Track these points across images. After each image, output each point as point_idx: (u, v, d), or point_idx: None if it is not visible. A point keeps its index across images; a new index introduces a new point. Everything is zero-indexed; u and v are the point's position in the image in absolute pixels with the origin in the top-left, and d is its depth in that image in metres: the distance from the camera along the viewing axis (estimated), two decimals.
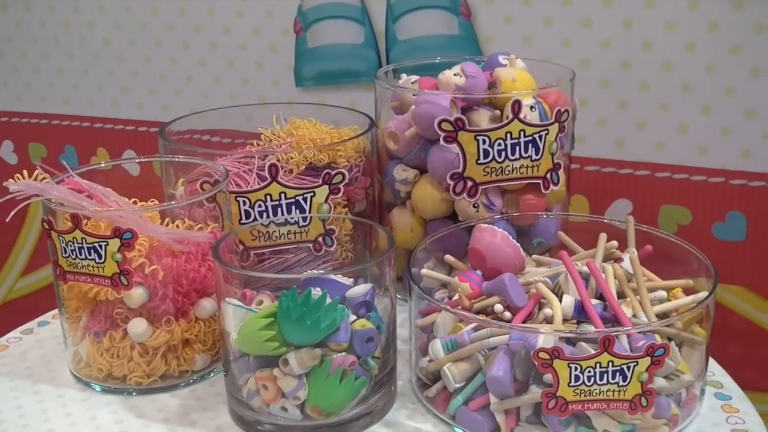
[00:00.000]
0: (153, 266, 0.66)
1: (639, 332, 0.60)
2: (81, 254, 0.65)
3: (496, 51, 0.95)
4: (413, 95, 0.78)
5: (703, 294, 0.65)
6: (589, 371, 0.57)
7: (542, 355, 0.57)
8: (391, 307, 0.65)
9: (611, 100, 0.93)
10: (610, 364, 0.57)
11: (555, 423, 0.59)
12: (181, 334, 0.68)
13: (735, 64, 0.87)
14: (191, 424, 0.65)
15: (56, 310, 0.81)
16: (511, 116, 0.73)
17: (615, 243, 0.69)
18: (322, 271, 0.68)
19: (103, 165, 0.75)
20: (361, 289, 0.65)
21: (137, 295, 0.66)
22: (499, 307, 0.63)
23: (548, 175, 0.76)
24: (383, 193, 0.83)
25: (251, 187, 0.77)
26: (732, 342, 0.95)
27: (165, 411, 0.66)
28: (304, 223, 0.75)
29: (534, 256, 0.76)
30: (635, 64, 0.91)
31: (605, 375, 0.57)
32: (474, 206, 0.75)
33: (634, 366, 0.57)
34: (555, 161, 0.76)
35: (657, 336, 0.61)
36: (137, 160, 0.79)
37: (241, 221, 0.76)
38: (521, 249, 0.71)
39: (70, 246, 0.65)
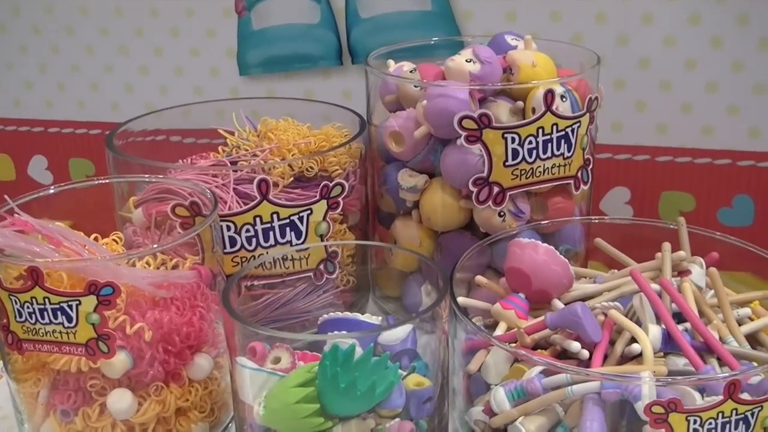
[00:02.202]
0: (138, 324, 0.51)
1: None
2: (43, 318, 0.50)
3: (476, 28, 0.84)
4: (415, 87, 0.66)
5: None
6: (710, 423, 0.47)
7: (656, 409, 0.47)
8: (444, 351, 0.52)
9: (607, 80, 0.83)
10: (734, 412, 0.47)
11: None
12: (175, 403, 0.54)
13: (742, 37, 0.79)
14: None
15: None
16: (543, 108, 0.62)
17: (682, 254, 0.59)
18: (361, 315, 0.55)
19: (52, 190, 0.59)
20: (400, 333, 0.53)
21: (120, 362, 0.51)
22: (576, 346, 0.52)
23: (579, 174, 0.66)
24: (379, 202, 0.71)
25: (230, 207, 0.63)
26: None
27: None
28: (304, 248, 0.62)
29: None
30: (634, 39, 0.81)
31: (728, 425, 0.47)
32: (500, 215, 0.64)
33: (758, 411, 0.48)
34: (585, 157, 0.66)
35: (755, 364, 0.52)
36: (98, 181, 0.62)
37: (225, 250, 0.62)
38: (569, 265, 0.60)
39: (28, 308, 0.50)
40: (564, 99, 0.63)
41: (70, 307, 0.49)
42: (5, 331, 0.51)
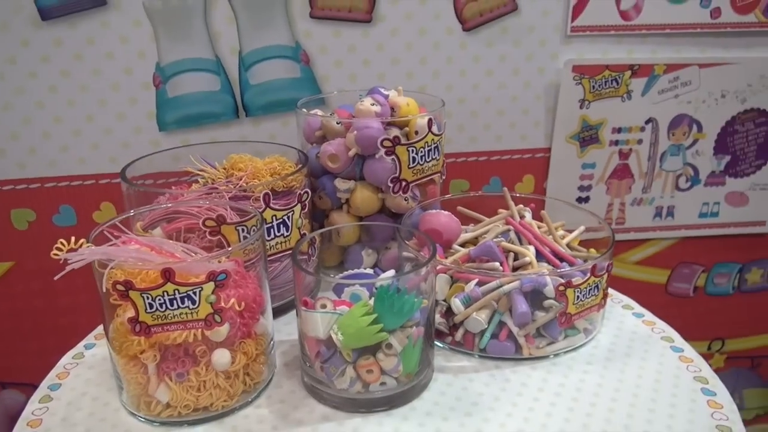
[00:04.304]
0: (232, 299, 0.50)
1: (593, 261, 0.63)
2: (172, 305, 0.47)
3: (331, 87, 0.89)
4: (337, 123, 0.70)
5: (581, 228, 0.69)
6: (582, 291, 0.59)
7: (561, 288, 0.57)
8: (434, 284, 0.57)
9: None
10: (586, 283, 0.59)
11: (555, 332, 0.60)
12: (254, 353, 0.53)
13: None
14: (298, 423, 0.52)
15: (57, 370, 0.58)
16: (427, 130, 0.69)
17: (521, 206, 0.71)
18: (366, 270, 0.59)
19: (132, 213, 0.55)
20: (390, 276, 0.58)
21: (224, 329, 0.50)
22: (497, 264, 0.61)
23: (442, 169, 0.75)
24: (317, 202, 0.73)
25: (230, 217, 0.62)
26: None
27: (265, 422, 0.52)
28: (288, 237, 0.64)
29: None
30: (429, 88, 0.91)
31: (591, 290, 0.59)
32: (405, 200, 0.71)
33: (600, 282, 0.60)
34: (444, 159, 0.75)
35: (581, 260, 0.65)
36: (147, 209, 0.58)
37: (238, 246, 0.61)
38: (459, 222, 0.68)
39: (159, 300, 0.47)
40: (433, 124, 0.71)
41: (194, 293, 0.47)
42: (133, 323, 0.47)
